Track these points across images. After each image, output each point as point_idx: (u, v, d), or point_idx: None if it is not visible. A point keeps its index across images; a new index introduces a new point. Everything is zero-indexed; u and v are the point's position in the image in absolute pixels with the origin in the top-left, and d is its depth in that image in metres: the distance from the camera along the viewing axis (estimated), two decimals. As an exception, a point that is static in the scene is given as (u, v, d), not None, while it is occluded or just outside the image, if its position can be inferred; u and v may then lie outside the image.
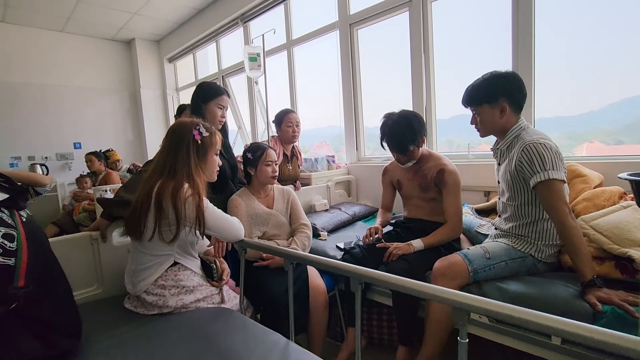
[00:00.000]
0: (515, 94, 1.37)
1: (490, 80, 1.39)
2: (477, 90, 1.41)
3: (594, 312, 1.07)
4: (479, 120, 1.45)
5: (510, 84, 1.36)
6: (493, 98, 1.37)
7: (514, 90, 1.36)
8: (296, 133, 2.44)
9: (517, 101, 1.37)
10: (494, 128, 1.43)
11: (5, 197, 0.91)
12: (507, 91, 1.36)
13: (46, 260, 0.99)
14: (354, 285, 0.89)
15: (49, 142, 4.73)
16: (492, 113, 1.39)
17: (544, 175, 1.23)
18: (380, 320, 1.85)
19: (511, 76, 1.37)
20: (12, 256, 0.83)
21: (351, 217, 2.40)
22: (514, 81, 1.36)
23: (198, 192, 1.21)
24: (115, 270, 1.53)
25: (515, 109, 1.38)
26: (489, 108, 1.39)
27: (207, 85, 1.77)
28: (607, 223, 1.25)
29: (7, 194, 0.92)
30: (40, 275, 0.91)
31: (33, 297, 0.86)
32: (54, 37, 4.70)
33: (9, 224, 0.87)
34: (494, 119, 1.39)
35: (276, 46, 3.56)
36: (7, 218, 0.89)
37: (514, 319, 0.66)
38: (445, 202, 1.61)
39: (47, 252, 1.02)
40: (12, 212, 0.92)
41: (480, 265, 1.32)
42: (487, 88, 1.39)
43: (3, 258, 0.81)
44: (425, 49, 2.43)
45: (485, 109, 1.40)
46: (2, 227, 0.85)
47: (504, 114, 1.37)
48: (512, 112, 1.38)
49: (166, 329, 1.14)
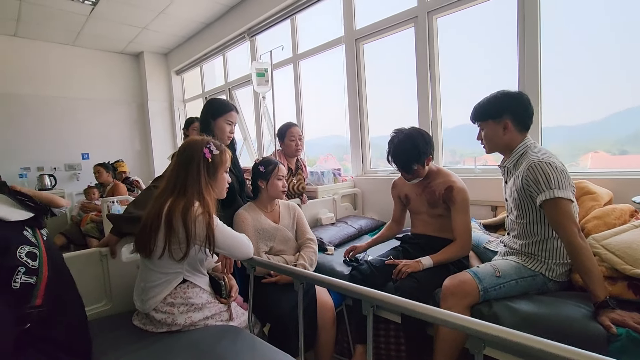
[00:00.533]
0: (520, 113, 1.39)
1: (497, 97, 1.43)
2: (483, 107, 1.46)
3: (608, 334, 1.05)
4: (483, 136, 1.48)
5: (515, 101, 1.39)
6: (497, 114, 1.41)
7: (519, 108, 1.38)
8: (299, 147, 2.45)
9: (521, 120, 1.39)
10: (497, 144, 1.46)
11: (31, 216, 0.93)
12: (512, 109, 1.39)
13: (63, 279, 1.00)
14: (366, 309, 0.89)
15: (58, 153, 4.80)
16: (496, 129, 1.42)
17: (549, 193, 1.23)
18: (387, 337, 1.82)
19: (518, 95, 1.40)
20: (33, 275, 0.84)
21: (357, 231, 2.40)
22: (520, 100, 1.39)
23: (208, 211, 1.22)
24: (124, 286, 1.53)
25: (520, 127, 1.40)
26: (493, 124, 1.43)
27: (216, 102, 1.79)
28: (618, 243, 1.24)
29: (32, 212, 0.94)
30: (56, 294, 0.92)
31: (47, 317, 0.87)
32: (65, 50, 4.81)
33: (32, 243, 0.89)
34: (497, 135, 1.43)
35: (282, 60, 3.61)
36: (30, 237, 0.90)
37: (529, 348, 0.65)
38: (454, 220, 1.60)
39: (64, 271, 1.03)
40: (35, 230, 0.94)
41: (490, 284, 1.31)
42: (493, 104, 1.43)
43: (26, 277, 0.82)
44: (431, 63, 2.46)
45: (489, 125, 1.44)
46: (26, 245, 0.86)
47: (507, 131, 1.40)
48: (516, 130, 1.40)
49: (175, 348, 1.14)
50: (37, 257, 0.87)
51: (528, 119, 1.40)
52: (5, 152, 4.41)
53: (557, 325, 1.13)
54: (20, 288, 0.81)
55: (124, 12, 3.95)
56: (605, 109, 1.96)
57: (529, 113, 1.39)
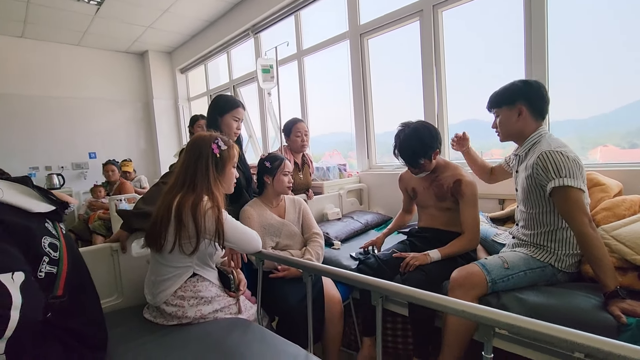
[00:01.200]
0: (535, 99, 1.38)
1: (513, 84, 1.43)
2: (499, 94, 1.46)
3: (618, 324, 1.05)
4: (498, 123, 1.47)
5: (531, 87, 1.38)
6: (511, 100, 1.41)
7: (533, 94, 1.38)
8: (305, 142, 2.46)
9: (536, 107, 1.38)
10: (511, 131, 1.45)
11: (52, 209, 0.95)
12: (526, 95, 1.38)
13: (81, 272, 1.02)
14: (375, 299, 0.89)
15: (65, 153, 4.86)
16: (510, 115, 1.42)
17: (559, 181, 1.22)
18: (394, 329, 1.83)
19: (534, 82, 1.40)
20: (55, 265, 0.86)
21: (364, 226, 2.40)
22: (536, 87, 1.38)
23: (217, 205, 1.23)
24: (134, 281, 1.56)
25: (535, 114, 1.39)
26: (507, 110, 1.42)
27: (223, 98, 1.80)
28: (629, 233, 1.23)
29: (54, 206, 0.96)
30: (75, 285, 0.94)
31: (67, 308, 0.89)
32: (71, 50, 4.85)
33: (54, 234, 0.91)
34: (511, 121, 1.42)
35: (287, 56, 3.61)
36: (51, 229, 0.93)
37: (539, 334, 0.65)
38: (463, 213, 1.60)
39: (81, 264, 1.05)
40: (55, 223, 0.96)
41: (498, 276, 1.31)
42: (508, 90, 1.43)
43: (50, 267, 0.84)
44: (437, 57, 2.44)
45: (504, 111, 1.44)
46: (48, 236, 0.88)
47: (521, 117, 1.39)
48: (530, 117, 1.39)
49: (186, 340, 1.16)
50: (57, 248, 0.89)
51: (543, 106, 1.39)
52: (14, 152, 4.47)
53: (566, 316, 1.13)
54: (45, 277, 0.83)
55: (128, 12, 3.98)
56: (615, 101, 1.94)
57: (545, 100, 1.38)
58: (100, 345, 1.03)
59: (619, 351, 0.57)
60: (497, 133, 1.51)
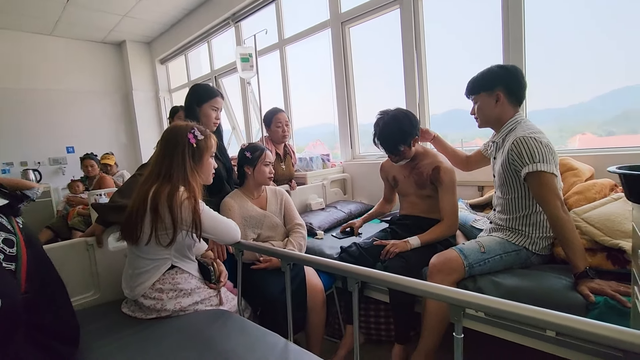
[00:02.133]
0: (512, 85, 1.39)
1: (490, 69, 1.43)
2: (477, 80, 1.46)
3: (586, 303, 1.09)
4: (476, 109, 1.48)
5: (508, 73, 1.39)
6: (489, 86, 1.41)
7: (511, 80, 1.38)
8: (286, 133, 2.43)
9: (514, 92, 1.39)
10: (489, 117, 1.45)
11: (5, 203, 0.91)
12: (504, 80, 1.39)
13: (44, 267, 0.99)
14: (351, 285, 0.90)
15: (42, 147, 4.69)
16: (488, 101, 1.42)
17: (532, 167, 1.25)
18: (377, 316, 1.86)
19: (511, 67, 1.41)
20: (12, 261, 0.83)
21: (347, 215, 2.41)
22: (513, 72, 1.39)
23: (194, 196, 1.21)
24: (112, 275, 1.53)
25: (512, 100, 1.40)
26: (486, 96, 1.43)
27: (200, 88, 1.76)
28: (598, 215, 1.27)
29: (6, 199, 0.92)
30: (39, 281, 0.91)
31: (32, 304, 0.86)
32: (43, 40, 4.65)
33: (9, 230, 0.88)
34: (490, 107, 1.43)
35: (268, 46, 3.56)
36: (6, 224, 0.89)
37: (507, 313, 0.67)
38: (442, 200, 1.62)
39: (44, 259, 1.02)
40: (10, 218, 0.93)
41: (475, 260, 1.34)
42: (486, 76, 1.43)
43: (6, 263, 0.81)
44: (417, 45, 2.44)
45: (482, 97, 1.44)
46: (2, 232, 0.85)
47: (499, 103, 1.40)
48: (508, 103, 1.40)
49: (165, 333, 1.14)
50: (14, 244, 0.86)
51: (520, 91, 1.40)
52: (-14, 148, 4.30)
53: (538, 297, 1.16)
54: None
55: (103, -1, 3.83)
56: (593, 91, 1.98)
57: (522, 86, 1.39)
58: (71, 340, 1.01)
59: (587, 328, 0.59)
60: (475, 119, 1.52)
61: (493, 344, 1.45)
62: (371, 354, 1.77)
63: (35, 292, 0.87)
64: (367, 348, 1.81)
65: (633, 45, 1.80)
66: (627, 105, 1.91)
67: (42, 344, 0.89)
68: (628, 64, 1.84)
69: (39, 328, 0.89)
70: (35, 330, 0.88)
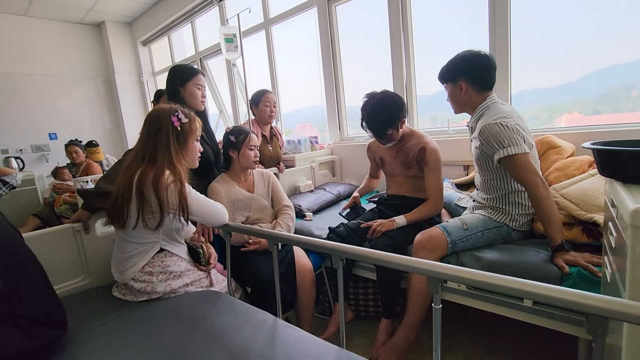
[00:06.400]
0: (474, 73, 1.42)
1: (454, 59, 1.47)
2: (444, 70, 1.50)
3: (561, 274, 1.14)
4: (448, 97, 1.53)
5: (467, 63, 1.42)
6: (453, 77, 1.46)
7: (472, 69, 1.41)
8: (273, 113, 2.41)
9: (478, 80, 1.42)
10: (459, 105, 1.51)
11: None
12: (465, 71, 1.42)
13: (18, 256, 0.97)
14: (335, 262, 0.93)
15: (23, 134, 4.55)
16: (454, 91, 1.48)
17: (503, 152, 1.28)
18: (366, 294, 1.92)
19: (470, 56, 1.42)
20: None
21: (336, 197, 2.44)
22: (473, 61, 1.41)
23: (180, 179, 1.21)
24: (101, 260, 1.53)
25: (477, 87, 1.43)
26: (452, 86, 1.48)
27: (181, 68, 1.73)
28: (575, 191, 1.32)
29: None
30: (13, 271, 0.90)
31: (7, 294, 0.86)
32: (17, 22, 4.43)
33: None
34: (457, 96, 1.48)
35: (253, 26, 3.47)
36: None
37: (485, 284, 0.70)
38: (427, 180, 1.65)
39: (19, 248, 1.00)
40: None
41: (458, 237, 1.38)
42: (450, 67, 1.47)
43: None
44: (404, 26, 2.42)
45: (449, 87, 1.50)
46: None
47: (464, 92, 1.44)
48: (474, 91, 1.43)
49: (155, 314, 1.17)
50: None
51: (486, 76, 1.42)
52: (-37, 135, 4.16)
53: (517, 270, 1.21)
54: None
55: (78, -23, 3.65)
56: (580, 70, 1.99)
57: (487, 70, 1.41)
58: (58, 323, 1.01)
59: (561, 295, 0.63)
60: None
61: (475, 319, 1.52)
62: (359, 329, 1.83)
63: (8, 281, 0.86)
64: (356, 324, 1.87)
65: (619, 24, 1.81)
66: (612, 85, 1.94)
67: (25, 329, 0.89)
68: (614, 43, 1.85)
69: (20, 316, 0.89)
70: (15, 318, 0.87)
